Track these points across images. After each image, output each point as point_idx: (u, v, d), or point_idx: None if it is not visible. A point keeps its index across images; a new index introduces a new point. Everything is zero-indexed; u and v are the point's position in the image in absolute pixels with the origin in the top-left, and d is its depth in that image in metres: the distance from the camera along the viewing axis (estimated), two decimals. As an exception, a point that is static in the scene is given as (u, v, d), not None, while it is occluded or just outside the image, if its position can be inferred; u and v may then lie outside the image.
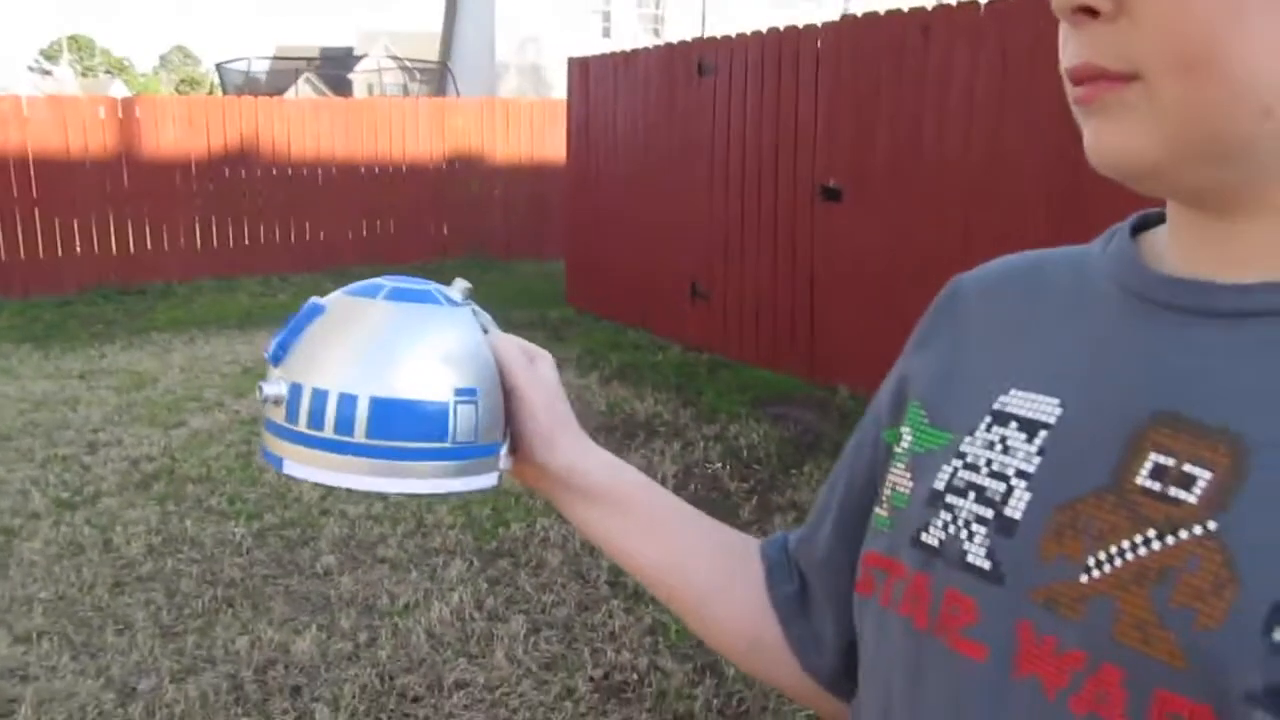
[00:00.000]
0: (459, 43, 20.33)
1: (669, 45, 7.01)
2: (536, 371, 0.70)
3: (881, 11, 5.34)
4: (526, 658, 3.00)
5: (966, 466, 0.52)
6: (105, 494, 4.25)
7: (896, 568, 0.54)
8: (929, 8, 5.05)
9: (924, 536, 0.52)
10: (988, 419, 0.53)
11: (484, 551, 3.72)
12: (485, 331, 0.68)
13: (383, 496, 4.01)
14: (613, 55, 7.60)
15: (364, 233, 10.74)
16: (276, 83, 19.38)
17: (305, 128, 10.37)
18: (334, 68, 22.23)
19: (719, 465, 4.60)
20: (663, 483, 4.35)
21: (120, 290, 8.94)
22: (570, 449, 0.70)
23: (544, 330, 7.61)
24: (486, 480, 0.66)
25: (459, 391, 0.63)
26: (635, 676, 2.91)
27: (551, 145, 11.29)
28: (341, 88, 20.99)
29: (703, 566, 0.71)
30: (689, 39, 6.89)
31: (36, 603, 3.31)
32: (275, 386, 0.63)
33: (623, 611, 3.25)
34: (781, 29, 5.94)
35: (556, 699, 2.80)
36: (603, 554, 0.75)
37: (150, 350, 6.94)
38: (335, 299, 0.65)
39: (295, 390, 0.62)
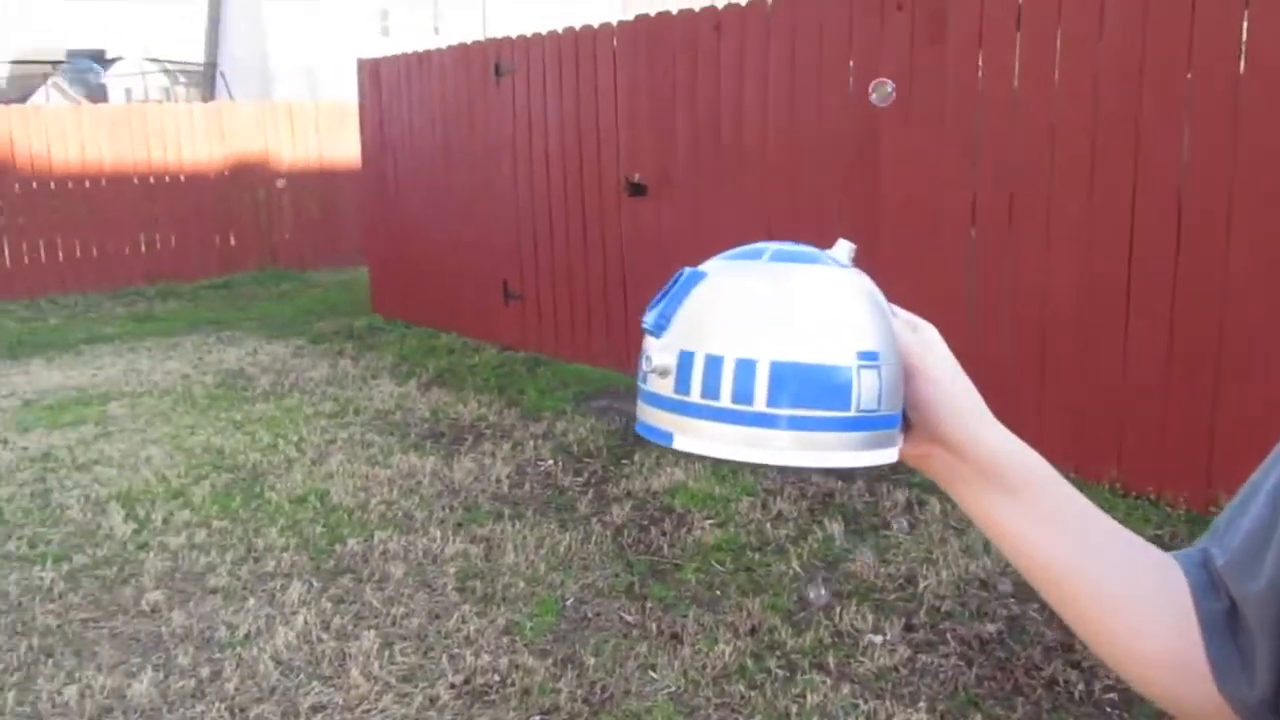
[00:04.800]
0: (228, 43, 19.33)
1: (463, 45, 6.96)
2: (923, 337, 0.64)
3: (674, 10, 5.51)
4: (383, 672, 2.96)
5: None
6: (-121, 551, 3.84)
7: None
8: (719, 6, 5.25)
9: None
10: None
11: (322, 571, 3.62)
12: None
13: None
14: (404, 56, 7.46)
15: (142, 248, 10.10)
16: (18, 89, 17.80)
17: (67, 137, 9.65)
18: (84, 70, 20.63)
19: (550, 463, 4.64)
20: (497, 484, 4.31)
21: None
22: (969, 421, 0.63)
23: (352, 340, 7.41)
24: (888, 455, 0.61)
25: (861, 355, 0.58)
26: (497, 678, 2.92)
27: (339, 149, 10.96)
28: (95, 92, 19.48)
29: (1116, 571, 0.64)
30: (483, 39, 6.87)
31: None
32: (662, 356, 0.59)
33: (475, 615, 3.25)
34: (577, 28, 6.02)
35: (420, 710, 2.78)
36: (997, 547, 0.66)
37: (-93, 389, 6.29)
38: (715, 265, 0.61)
39: (685, 358, 0.58)
